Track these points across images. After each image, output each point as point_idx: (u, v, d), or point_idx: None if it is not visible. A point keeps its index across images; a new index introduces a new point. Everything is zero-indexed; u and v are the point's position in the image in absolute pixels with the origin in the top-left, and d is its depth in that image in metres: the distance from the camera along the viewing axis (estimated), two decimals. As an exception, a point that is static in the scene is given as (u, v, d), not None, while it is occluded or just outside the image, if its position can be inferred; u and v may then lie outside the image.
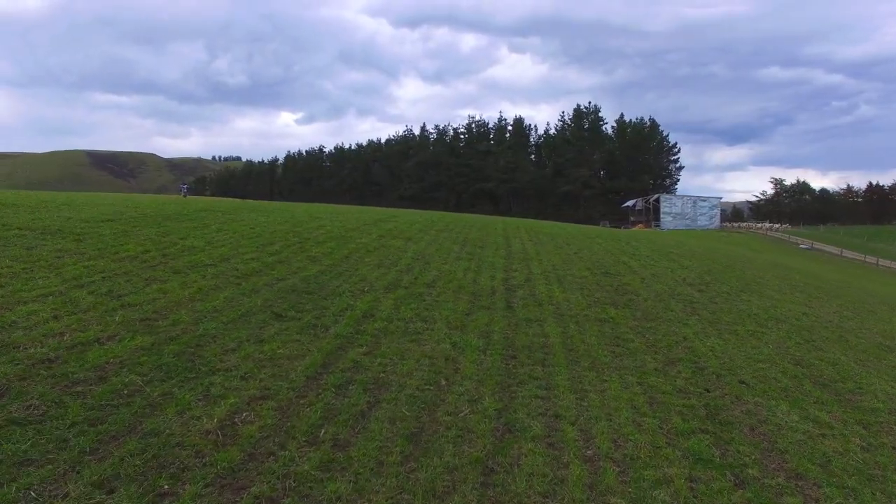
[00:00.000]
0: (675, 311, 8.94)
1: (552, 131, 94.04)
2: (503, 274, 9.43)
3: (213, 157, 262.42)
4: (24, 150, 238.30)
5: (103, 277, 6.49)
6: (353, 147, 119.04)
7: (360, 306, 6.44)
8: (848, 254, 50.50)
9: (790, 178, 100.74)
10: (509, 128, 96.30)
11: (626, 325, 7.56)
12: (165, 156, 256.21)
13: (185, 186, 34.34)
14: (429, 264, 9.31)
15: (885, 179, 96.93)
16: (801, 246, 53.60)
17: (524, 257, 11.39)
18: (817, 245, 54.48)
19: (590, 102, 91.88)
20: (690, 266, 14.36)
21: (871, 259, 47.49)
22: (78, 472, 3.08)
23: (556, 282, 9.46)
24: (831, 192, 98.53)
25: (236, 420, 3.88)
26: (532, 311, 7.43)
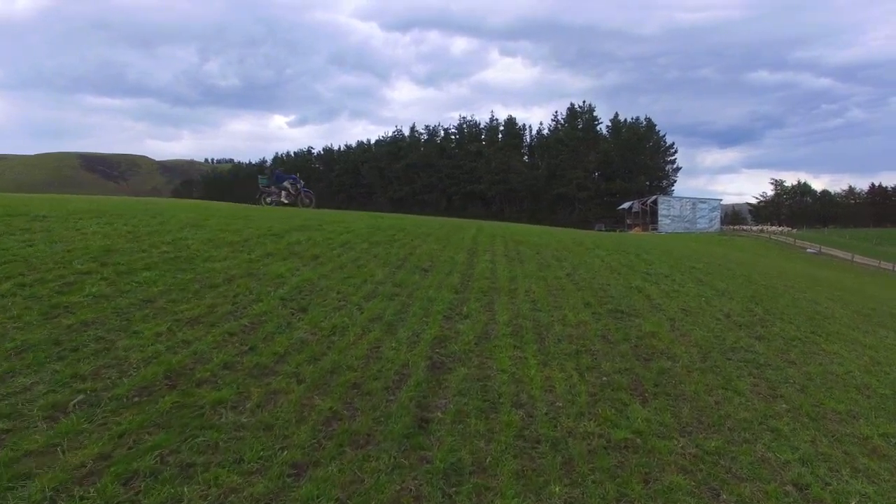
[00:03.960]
0: (745, 395, 4.97)
1: (545, 132, 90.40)
2: (439, 327, 5.39)
3: (206, 160, 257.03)
4: (15, 153, 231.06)
5: None
6: (342, 148, 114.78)
7: None
8: (859, 259, 47.18)
9: (783, 180, 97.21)
10: (501, 128, 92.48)
11: (672, 461, 3.55)
12: (158, 158, 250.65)
13: (296, 177, 18.36)
14: (304, 312, 5.27)
15: (878, 182, 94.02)
16: (809, 250, 50.19)
17: (488, 288, 7.34)
18: (825, 249, 51.11)
19: (584, 101, 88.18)
20: (727, 290, 10.41)
21: (886, 265, 44.18)
22: None
23: (533, 339, 5.43)
24: (833, 193, 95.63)
25: None
26: (470, 438, 3.41)
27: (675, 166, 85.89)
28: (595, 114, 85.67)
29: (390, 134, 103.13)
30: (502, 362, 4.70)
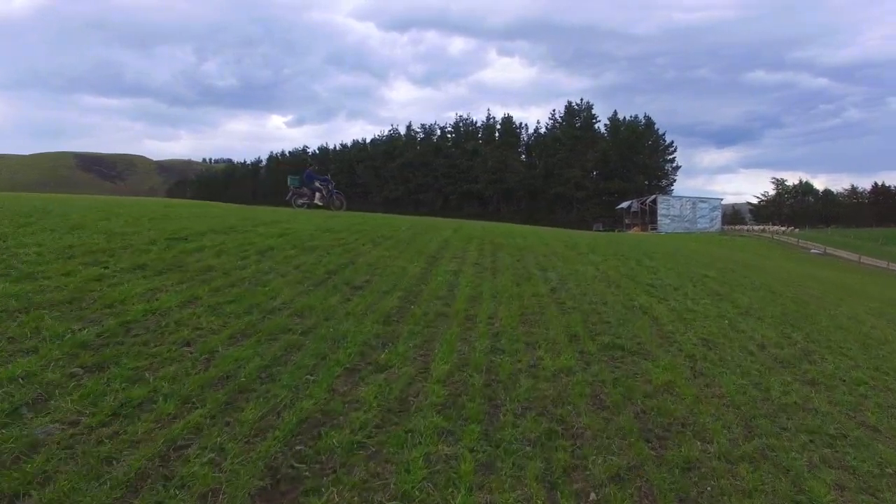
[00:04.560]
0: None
1: (543, 130, 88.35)
2: (326, 394, 3.31)
3: (204, 160, 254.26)
4: (11, 153, 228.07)
5: None
6: (337, 147, 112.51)
7: None
8: (866, 260, 45.27)
9: (784, 179, 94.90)
10: (498, 127, 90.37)
11: None
12: (155, 158, 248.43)
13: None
14: (97, 373, 3.15)
15: (877, 181, 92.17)
16: (813, 251, 48.26)
17: (436, 314, 5.25)
18: (829, 250, 49.18)
19: (581, 100, 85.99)
20: (751, 307, 8.35)
21: (895, 266, 42.26)
22: None
23: (478, 412, 3.36)
24: (835, 193, 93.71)
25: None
26: None
27: (674, 165, 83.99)
28: (593, 112, 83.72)
29: (386, 133, 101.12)
30: (410, 475, 2.63)
